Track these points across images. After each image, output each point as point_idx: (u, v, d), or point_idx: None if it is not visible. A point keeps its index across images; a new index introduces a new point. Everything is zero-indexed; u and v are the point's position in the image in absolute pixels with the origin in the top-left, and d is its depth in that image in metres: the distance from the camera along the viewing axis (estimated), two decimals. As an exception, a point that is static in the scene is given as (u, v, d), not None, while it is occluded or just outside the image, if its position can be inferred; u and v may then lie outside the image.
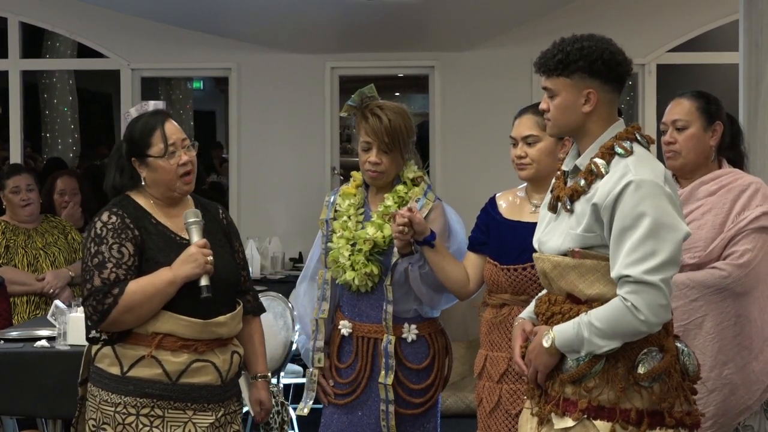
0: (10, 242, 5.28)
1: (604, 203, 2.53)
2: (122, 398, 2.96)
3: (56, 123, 10.75)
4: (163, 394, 2.96)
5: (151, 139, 3.04)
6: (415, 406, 3.51)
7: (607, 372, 2.53)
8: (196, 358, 2.99)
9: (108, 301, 2.91)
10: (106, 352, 3.00)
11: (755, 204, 3.22)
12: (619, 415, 2.51)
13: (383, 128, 3.42)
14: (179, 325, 2.97)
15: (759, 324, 3.20)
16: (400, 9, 6.40)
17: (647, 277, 2.45)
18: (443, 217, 3.51)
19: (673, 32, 7.23)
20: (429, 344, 3.53)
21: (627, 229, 2.48)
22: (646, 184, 2.49)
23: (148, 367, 2.95)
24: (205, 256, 2.98)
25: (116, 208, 3.03)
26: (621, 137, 2.61)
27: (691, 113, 3.30)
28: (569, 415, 2.55)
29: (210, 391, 3.03)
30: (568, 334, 2.54)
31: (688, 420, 2.57)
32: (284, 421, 4.62)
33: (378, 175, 3.49)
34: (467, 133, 7.27)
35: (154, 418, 2.96)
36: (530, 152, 3.24)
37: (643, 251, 2.46)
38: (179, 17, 7.11)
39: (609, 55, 2.59)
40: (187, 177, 3.08)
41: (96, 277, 2.94)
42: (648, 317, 2.46)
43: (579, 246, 2.58)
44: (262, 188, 7.34)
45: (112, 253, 2.95)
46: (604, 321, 2.49)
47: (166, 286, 2.95)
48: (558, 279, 2.62)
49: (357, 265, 3.44)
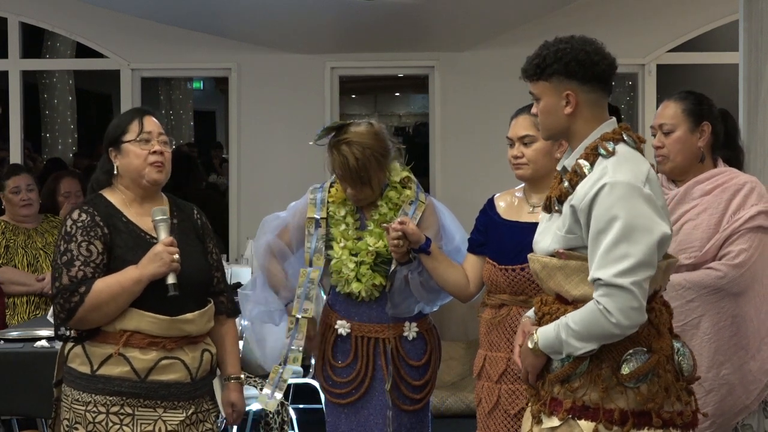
0: (10, 242, 5.28)
1: (580, 205, 2.54)
2: (92, 397, 2.96)
3: (56, 123, 10.74)
4: (132, 392, 2.97)
5: (128, 126, 3.09)
6: (416, 402, 3.54)
7: (591, 372, 2.54)
8: (164, 356, 2.99)
9: (74, 299, 2.92)
10: (77, 352, 3.01)
11: (750, 203, 3.22)
12: (603, 415, 2.52)
13: (350, 168, 3.43)
14: (146, 322, 2.97)
15: (755, 323, 3.21)
16: (400, 9, 6.40)
17: (618, 280, 2.45)
18: (435, 216, 3.53)
19: (673, 32, 7.22)
20: (426, 340, 3.57)
21: (601, 231, 2.49)
22: (620, 185, 2.48)
23: (116, 365, 2.96)
24: (171, 254, 2.97)
25: (87, 206, 3.04)
26: (606, 138, 2.60)
27: (676, 116, 3.30)
28: (556, 415, 2.57)
29: (179, 389, 3.02)
30: (549, 335, 2.56)
31: (679, 420, 2.56)
32: (284, 421, 4.62)
33: (360, 201, 3.52)
34: (467, 133, 7.27)
35: (124, 416, 2.96)
36: (527, 152, 3.25)
37: (614, 254, 2.46)
38: (179, 17, 7.11)
39: (584, 56, 2.59)
40: (158, 165, 3.07)
41: (64, 275, 2.95)
42: (620, 320, 2.45)
43: (564, 247, 2.59)
44: (262, 188, 7.33)
45: (81, 251, 2.96)
46: (579, 323, 2.49)
47: (132, 284, 2.95)
48: (547, 279, 2.64)
49: (364, 278, 3.45)
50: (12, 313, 5.19)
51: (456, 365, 6.45)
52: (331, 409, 3.61)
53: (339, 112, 7.43)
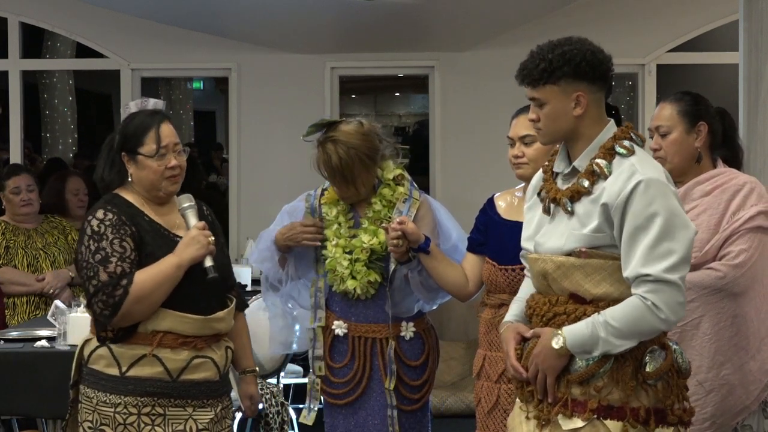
0: (10, 242, 5.28)
1: (615, 203, 2.53)
2: (122, 398, 2.95)
3: (56, 123, 10.74)
4: (163, 392, 2.97)
5: (145, 138, 3.04)
6: (414, 402, 3.54)
7: (615, 371, 2.54)
8: (195, 355, 3.00)
9: (118, 293, 2.89)
10: (101, 354, 2.99)
11: (750, 204, 3.22)
12: (629, 413, 2.52)
13: (332, 166, 3.44)
14: (180, 322, 2.97)
15: (756, 324, 3.20)
16: (400, 9, 6.40)
17: (667, 276, 2.47)
18: (431, 214, 3.53)
19: (673, 32, 7.22)
20: (424, 340, 3.57)
21: (640, 228, 2.49)
22: (654, 183, 2.51)
23: (149, 366, 2.95)
24: (207, 237, 3.00)
25: (109, 205, 3.02)
26: (619, 137, 2.61)
27: (672, 118, 3.30)
28: (578, 416, 2.55)
29: (209, 387, 3.04)
30: (581, 334, 2.52)
31: (686, 417, 2.59)
32: (284, 421, 4.62)
33: (346, 199, 3.52)
34: (467, 133, 7.26)
35: (156, 417, 2.97)
36: (527, 152, 3.25)
37: (659, 250, 2.47)
38: (179, 17, 7.11)
39: (591, 55, 2.60)
40: (173, 178, 3.08)
41: (101, 272, 2.92)
42: (668, 315, 2.48)
43: (587, 246, 2.57)
44: (262, 188, 7.33)
45: (114, 248, 2.94)
46: (622, 320, 2.49)
47: (174, 270, 2.95)
48: (561, 279, 2.61)
49: (358, 275, 3.45)
50: (12, 313, 5.19)
51: (456, 365, 6.45)
52: (329, 410, 3.61)
53: (339, 112, 7.43)
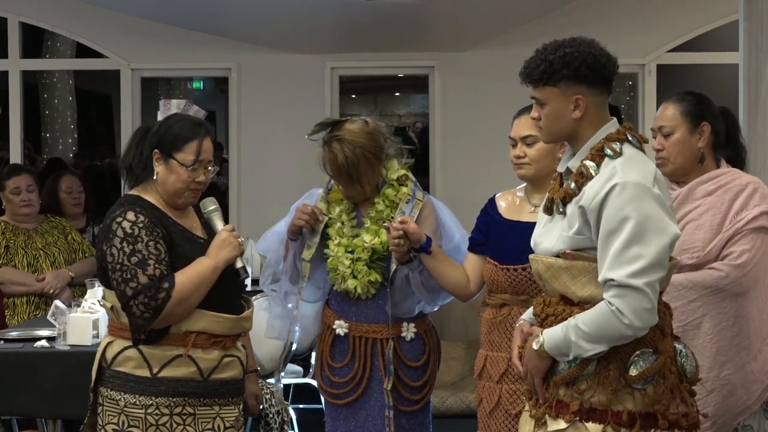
0: (10, 242, 5.28)
1: (590, 206, 2.52)
2: (154, 399, 2.96)
3: (56, 123, 10.74)
4: (194, 392, 3.00)
5: (186, 146, 3.04)
6: (415, 403, 3.54)
7: (599, 374, 2.52)
8: (224, 354, 3.04)
9: (161, 295, 2.91)
10: (130, 355, 2.98)
11: (753, 204, 3.22)
12: (611, 417, 2.51)
13: (339, 165, 3.44)
14: (214, 323, 3.00)
15: (757, 324, 3.20)
16: (400, 9, 6.39)
17: (631, 281, 2.44)
18: (434, 215, 3.53)
19: (673, 32, 7.22)
20: (425, 341, 3.57)
21: (612, 232, 2.47)
22: (630, 186, 2.48)
23: (182, 366, 2.97)
24: (237, 238, 3.06)
25: (137, 207, 3.01)
26: (611, 138, 2.60)
27: (675, 118, 3.30)
28: (562, 417, 2.55)
29: (234, 385, 3.09)
30: (556, 337, 2.54)
31: (684, 422, 2.56)
32: (284, 421, 4.62)
33: (351, 198, 3.52)
34: (467, 133, 7.26)
35: (186, 416, 2.99)
36: (529, 152, 3.24)
37: (627, 255, 2.45)
38: (179, 17, 7.11)
39: (592, 59, 2.58)
40: (197, 191, 3.10)
41: (140, 275, 2.92)
42: (633, 321, 2.44)
43: (570, 248, 2.58)
44: (262, 188, 7.33)
45: (150, 251, 2.95)
46: (590, 325, 2.48)
47: (211, 272, 2.99)
48: (551, 280, 2.62)
49: (359, 274, 3.45)
50: (12, 313, 5.19)
51: (456, 365, 6.45)
52: (330, 410, 3.61)
53: (339, 112, 7.42)
